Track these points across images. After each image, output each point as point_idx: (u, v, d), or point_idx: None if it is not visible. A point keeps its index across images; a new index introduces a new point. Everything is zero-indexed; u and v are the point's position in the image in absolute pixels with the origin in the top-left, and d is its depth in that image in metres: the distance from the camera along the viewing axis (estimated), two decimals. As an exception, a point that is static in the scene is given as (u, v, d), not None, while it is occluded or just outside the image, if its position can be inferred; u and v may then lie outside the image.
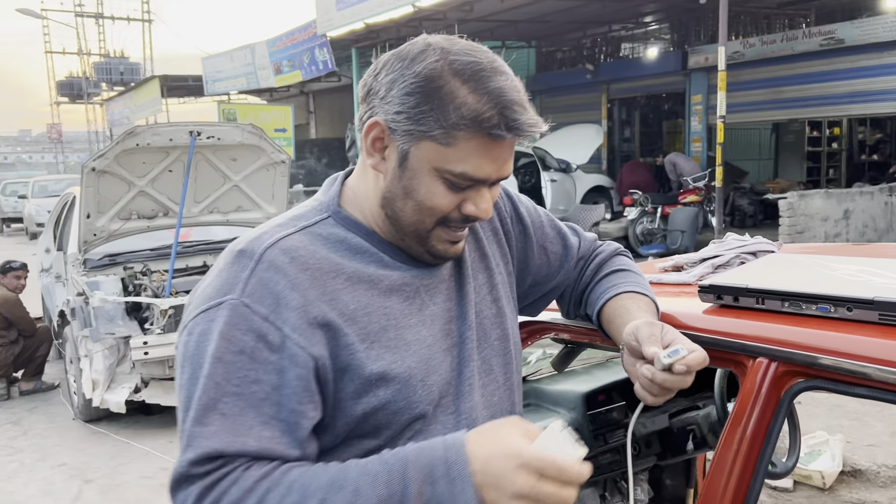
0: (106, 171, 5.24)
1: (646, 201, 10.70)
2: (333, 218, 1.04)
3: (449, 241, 1.02)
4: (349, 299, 0.97)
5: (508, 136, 0.94)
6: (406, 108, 0.94)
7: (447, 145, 0.94)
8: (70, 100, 37.82)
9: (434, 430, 1.01)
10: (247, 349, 0.90)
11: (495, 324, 1.13)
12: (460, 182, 0.97)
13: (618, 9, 12.79)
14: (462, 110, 0.92)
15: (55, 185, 19.19)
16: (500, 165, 0.98)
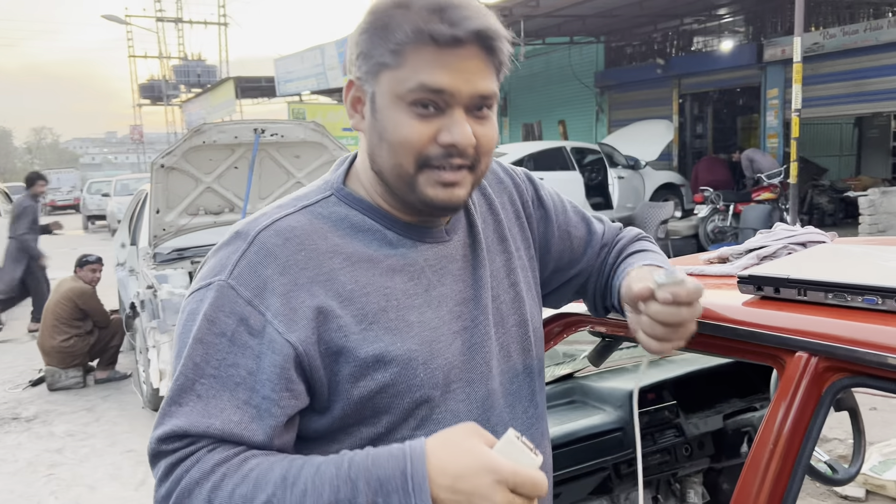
0: (174, 168, 5.41)
1: (717, 199, 10.38)
2: (336, 195, 1.01)
3: (440, 184, 0.94)
4: (346, 279, 0.94)
5: (451, 30, 0.89)
6: (361, 47, 0.94)
7: (400, 66, 0.91)
8: (151, 102, 39.33)
9: (443, 418, 0.98)
10: (227, 332, 0.89)
11: (513, 309, 1.09)
12: (423, 98, 0.90)
13: (689, 1, 12.46)
14: (404, 26, 0.90)
15: (136, 184, 19.96)
16: (467, 79, 0.91)
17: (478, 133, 0.94)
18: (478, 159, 0.96)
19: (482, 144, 0.95)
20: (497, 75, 0.96)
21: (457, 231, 1.06)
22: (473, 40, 0.91)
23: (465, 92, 0.91)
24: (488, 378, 1.03)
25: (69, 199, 33.52)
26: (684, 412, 2.23)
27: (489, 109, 0.96)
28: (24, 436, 4.95)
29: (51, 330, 5.81)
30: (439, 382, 0.97)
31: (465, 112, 0.93)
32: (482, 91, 0.93)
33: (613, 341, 1.60)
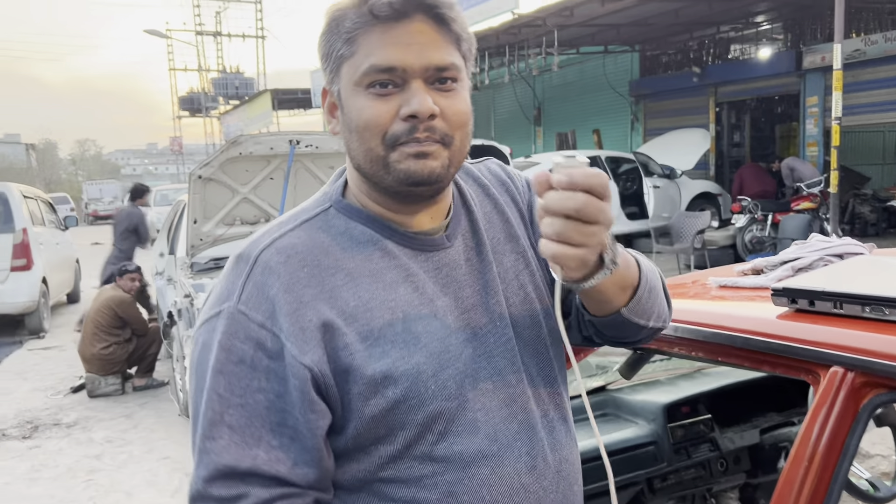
0: (211, 179, 5.49)
1: (755, 208, 10.21)
2: (335, 207, 1.00)
3: (411, 156, 0.91)
4: (349, 296, 0.93)
5: (387, 1, 0.88)
6: (322, 50, 0.95)
7: (353, 54, 0.91)
8: (190, 114, 40.07)
9: (462, 430, 0.95)
10: (246, 358, 0.89)
11: (524, 310, 1.05)
12: (377, 78, 0.90)
13: (726, 9, 12.31)
14: (350, 15, 0.91)
15: (175, 194, 20.29)
16: (419, 52, 0.90)
17: (442, 105, 0.91)
18: (448, 134, 0.93)
19: (449, 117, 0.92)
20: (457, 47, 0.94)
21: (457, 236, 1.03)
22: (417, 10, 0.90)
23: (418, 65, 0.90)
24: (505, 384, 1.00)
25: (110, 210, 34.23)
26: (719, 426, 2.19)
27: (455, 83, 0.93)
28: (64, 441, 5.05)
29: (91, 338, 5.92)
30: (452, 393, 0.95)
31: (424, 84, 0.91)
32: (437, 62, 0.91)
33: (645, 354, 1.58)
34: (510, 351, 1.01)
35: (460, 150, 0.95)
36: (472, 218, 1.06)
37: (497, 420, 0.98)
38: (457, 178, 1.07)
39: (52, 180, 50.93)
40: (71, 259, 10.82)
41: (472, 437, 0.95)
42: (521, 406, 1.00)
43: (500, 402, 0.99)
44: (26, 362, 7.42)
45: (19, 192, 9.02)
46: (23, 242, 8.46)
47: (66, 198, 31.95)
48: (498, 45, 13.66)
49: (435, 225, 1.01)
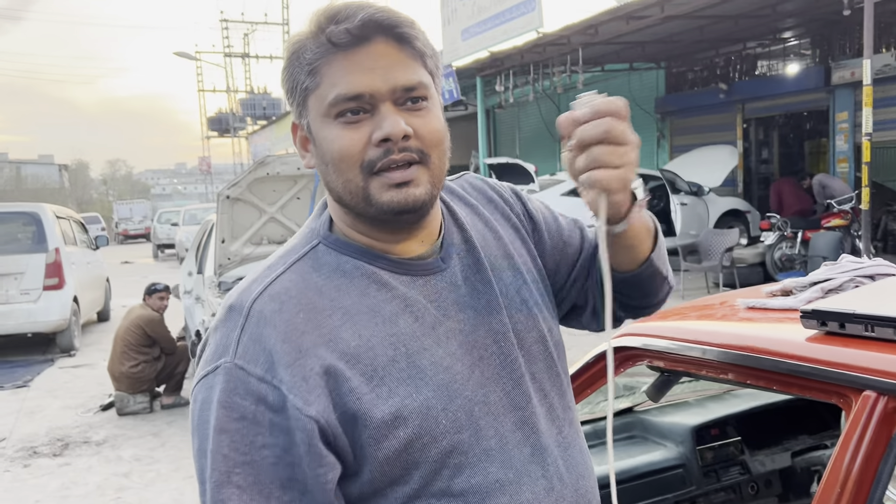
0: (239, 199, 5.57)
1: (785, 225, 10.08)
2: (324, 244, 0.97)
3: (392, 186, 0.90)
4: (349, 336, 0.90)
5: (341, 27, 0.88)
6: (287, 84, 0.94)
7: (318, 86, 0.90)
8: (218, 134, 40.70)
9: (478, 460, 0.93)
10: (248, 414, 0.86)
11: (529, 326, 1.02)
12: (344, 107, 0.89)
13: (752, 25, 12.24)
14: (309, 46, 0.90)
15: (203, 213, 20.55)
16: (384, 74, 0.89)
17: (415, 124, 0.90)
18: (425, 153, 0.91)
19: (424, 136, 0.91)
20: (423, 65, 0.93)
21: (452, 256, 1.01)
22: (376, 33, 0.89)
23: (385, 88, 0.89)
24: (515, 406, 0.97)
25: (140, 229, 34.82)
26: (750, 449, 2.15)
27: (425, 101, 0.92)
28: (93, 459, 5.10)
29: (120, 356, 6.00)
30: (464, 424, 0.92)
31: (394, 106, 0.90)
32: (403, 83, 0.90)
33: (672, 376, 1.56)
34: (517, 370, 0.99)
35: (439, 168, 0.94)
36: (467, 237, 1.04)
37: (511, 445, 0.96)
38: (443, 197, 1.05)
39: (83, 200, 51.93)
40: (101, 278, 10.99)
41: (488, 467, 0.93)
42: (533, 427, 0.98)
43: (513, 425, 0.97)
44: (57, 380, 7.53)
45: (52, 212, 9.20)
46: (55, 262, 8.61)
47: (98, 217, 32.52)
48: (522, 63, 13.71)
49: (427, 248, 0.99)
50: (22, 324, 8.48)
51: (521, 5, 12.25)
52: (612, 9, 11.16)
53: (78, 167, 63.62)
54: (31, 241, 8.84)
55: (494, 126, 20.36)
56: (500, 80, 14.32)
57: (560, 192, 11.46)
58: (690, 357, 1.35)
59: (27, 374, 7.83)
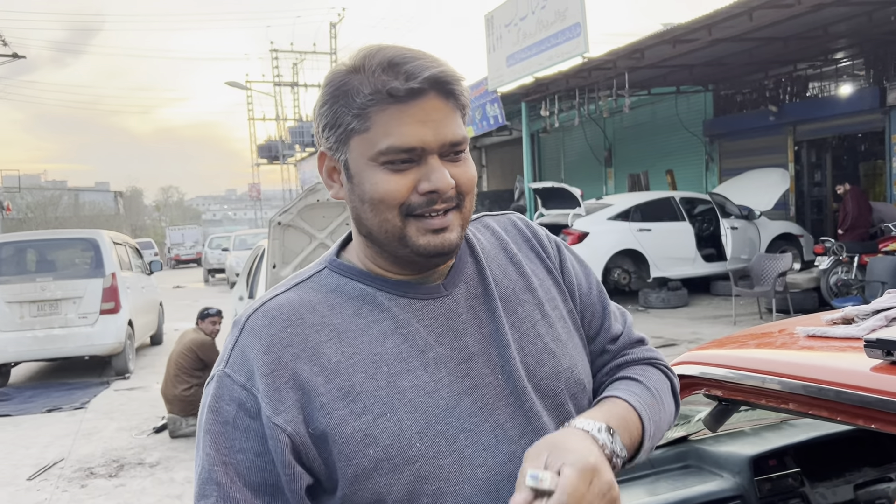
0: (290, 226, 5.67)
1: (840, 250, 9.82)
2: (329, 268, 1.01)
3: (430, 231, 0.93)
4: (332, 352, 0.93)
5: (406, 85, 0.89)
6: (326, 119, 0.95)
7: (367, 130, 0.92)
8: (268, 161, 41.49)
9: (461, 490, 0.91)
10: (230, 419, 0.92)
11: (542, 361, 1.00)
12: (396, 158, 0.91)
13: (803, 47, 12.06)
14: (363, 89, 0.91)
15: (253, 239, 20.96)
16: (435, 129, 0.91)
17: (455, 174, 0.94)
18: (461, 199, 0.95)
19: (462, 184, 0.95)
20: (462, 118, 0.96)
21: (458, 284, 1.01)
22: (431, 88, 0.91)
23: (436, 143, 0.92)
24: (508, 439, 0.94)
25: (192, 254, 35.64)
26: (810, 480, 2.09)
27: (463, 153, 0.96)
28: (147, 481, 5.20)
29: (173, 379, 6.12)
30: (443, 450, 0.91)
31: (441, 158, 0.93)
32: (451, 140, 0.93)
33: (731, 405, 1.54)
34: (516, 403, 0.97)
35: (469, 211, 0.98)
36: (480, 268, 1.04)
37: (500, 477, 0.93)
38: (469, 229, 1.08)
39: (137, 226, 53.36)
40: (155, 302, 11.26)
41: (472, 498, 0.91)
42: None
43: (506, 457, 0.94)
44: (113, 402, 7.71)
45: (109, 238, 9.49)
46: (112, 286, 8.86)
47: (151, 243, 33.41)
48: (567, 88, 13.73)
49: (431, 274, 1.00)
50: (80, 347, 8.72)
51: (565, 31, 12.30)
52: (658, 32, 11.13)
53: (132, 194, 65.48)
54: (89, 266, 9.12)
55: (539, 150, 20.37)
56: (545, 105, 14.35)
57: (607, 216, 11.39)
58: (750, 386, 1.33)
59: (84, 396, 8.04)
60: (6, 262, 8.98)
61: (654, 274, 11.36)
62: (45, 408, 7.57)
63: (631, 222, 11.34)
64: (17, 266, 9.11)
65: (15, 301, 8.59)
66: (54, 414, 7.34)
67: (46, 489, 5.12)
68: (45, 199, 44.11)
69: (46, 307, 8.68)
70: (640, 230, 11.31)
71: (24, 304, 8.62)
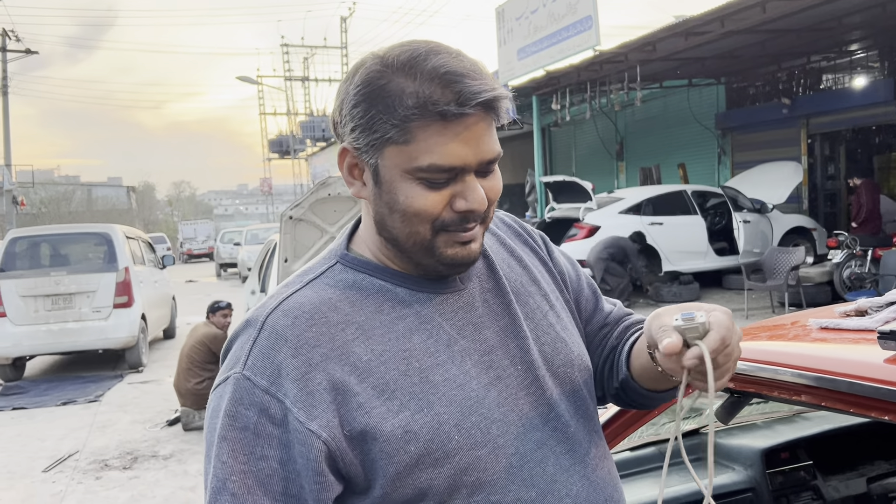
0: (301, 220, 5.68)
1: (854, 243, 9.76)
2: (341, 262, 0.99)
3: (458, 243, 0.93)
4: (362, 350, 0.91)
5: (460, 109, 0.86)
6: (358, 121, 0.90)
7: (407, 143, 0.88)
8: (279, 156, 41.60)
9: (497, 479, 0.92)
10: (250, 425, 0.87)
11: (557, 349, 1.03)
12: (435, 177, 0.89)
13: (817, 39, 11.96)
14: (406, 100, 0.86)
15: (265, 233, 21.04)
16: (476, 147, 0.89)
17: (486, 188, 0.93)
18: (488, 211, 0.96)
19: (490, 198, 0.95)
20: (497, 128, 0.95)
21: (472, 278, 1.02)
22: (480, 109, 0.89)
23: (475, 162, 0.90)
24: (534, 426, 0.97)
25: (204, 248, 35.80)
26: (822, 473, 2.09)
27: (494, 166, 0.95)
28: (161, 473, 5.25)
29: (186, 373, 6.16)
30: (479, 441, 0.92)
31: (477, 175, 0.92)
32: (490, 157, 0.92)
33: (743, 398, 1.53)
34: (537, 391, 0.99)
35: (490, 221, 0.99)
36: (489, 262, 1.06)
37: (532, 464, 0.95)
38: None
39: (150, 221, 53.69)
40: (168, 296, 11.33)
41: (508, 486, 0.93)
42: (552, 448, 0.98)
43: (534, 444, 0.96)
44: (126, 395, 7.77)
45: (122, 233, 9.54)
46: (125, 281, 8.92)
47: (164, 237, 33.62)
48: (579, 81, 13.68)
49: None
50: (93, 340, 8.80)
51: (577, 24, 12.25)
52: (670, 25, 11.06)
53: (145, 189, 65.83)
54: (103, 260, 9.18)
55: (550, 144, 20.32)
56: (556, 99, 14.31)
57: (618, 209, 11.35)
58: (762, 378, 1.33)
59: (98, 389, 8.11)
60: (21, 257, 9.05)
61: (665, 268, 11.32)
62: (60, 401, 7.64)
63: (642, 216, 11.30)
64: (32, 260, 9.18)
65: (29, 295, 8.67)
66: (69, 407, 7.42)
67: (62, 481, 5.17)
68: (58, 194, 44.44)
69: (60, 301, 8.75)
70: (652, 224, 11.27)
71: (38, 298, 8.70)
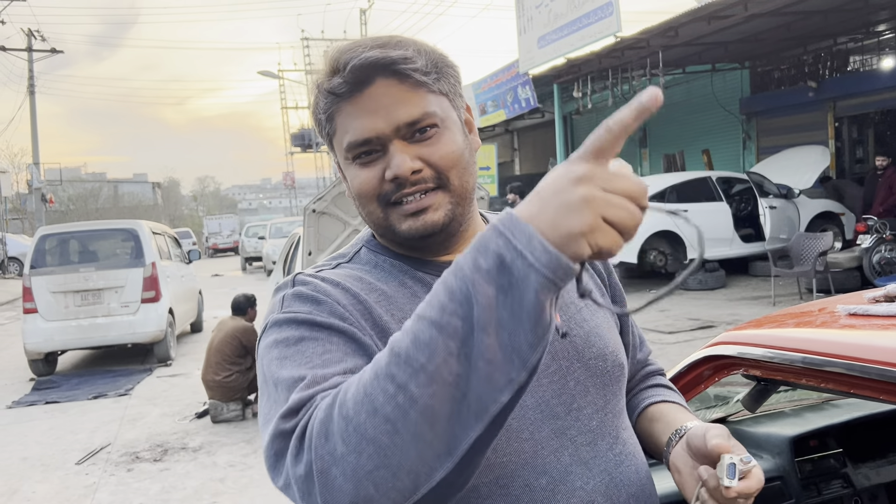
0: (324, 213, 5.72)
1: (883, 228, 9.60)
2: (366, 247, 1.05)
3: (409, 216, 0.95)
4: (382, 311, 0.93)
5: (341, 80, 0.91)
6: (316, 126, 1.00)
7: (335, 132, 0.96)
8: (301, 149, 41.75)
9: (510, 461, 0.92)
10: (304, 335, 0.86)
11: (589, 342, 1.02)
12: (358, 152, 0.94)
13: (843, 20, 11.75)
14: (318, 95, 0.96)
15: (289, 227, 21.16)
16: (386, 115, 0.91)
17: (424, 154, 0.93)
18: (442, 177, 0.94)
19: (436, 162, 0.93)
20: (428, 90, 0.93)
21: None
22: (374, 74, 0.91)
23: (389, 129, 0.92)
24: (553, 415, 0.96)
25: (229, 243, 36.12)
26: (852, 461, 2.07)
27: (435, 128, 0.93)
28: (191, 465, 5.32)
29: (215, 367, 6.23)
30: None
31: (403, 142, 0.93)
32: (405, 119, 0.92)
33: (770, 386, 1.52)
34: (562, 380, 0.98)
35: (461, 188, 0.96)
36: None
37: (546, 452, 0.94)
38: (489, 217, 1.10)
39: (175, 216, 54.26)
40: (194, 290, 11.45)
41: (518, 471, 0.92)
42: (571, 438, 0.96)
43: (551, 432, 0.95)
44: (156, 389, 7.89)
45: (149, 228, 9.67)
46: (152, 276, 9.04)
47: (189, 232, 33.93)
48: (600, 68, 13.57)
49: None
50: (122, 335, 8.93)
51: (597, 10, 12.14)
52: (692, 10, 10.92)
53: (170, 184, 66.53)
54: (130, 256, 9.31)
55: (572, 132, 20.20)
56: (577, 86, 14.21)
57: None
58: (789, 366, 1.31)
59: (128, 383, 8.23)
60: (50, 254, 9.21)
61: (690, 255, 11.23)
62: (91, 394, 7.77)
63: (667, 203, 11.22)
64: (61, 257, 9.33)
65: (60, 291, 8.81)
66: (100, 400, 7.54)
67: (95, 473, 5.27)
68: (85, 191, 45.06)
69: (90, 297, 8.89)
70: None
71: (68, 294, 8.84)
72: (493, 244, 0.68)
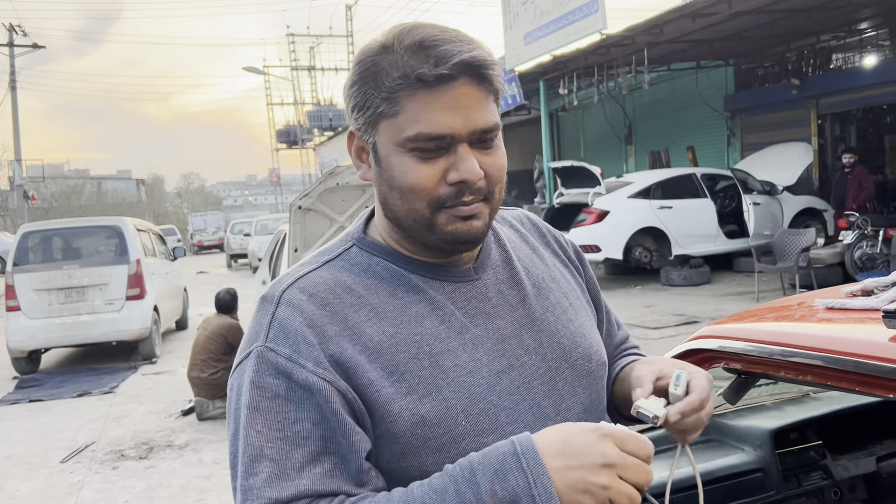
0: (311, 209, 5.71)
1: (865, 224, 9.71)
2: (357, 246, 1.01)
3: (459, 218, 0.93)
4: (373, 331, 0.92)
5: (436, 70, 0.87)
6: (355, 100, 0.93)
7: (396, 115, 0.90)
8: (287, 146, 41.65)
9: None
10: (280, 392, 0.88)
11: (575, 343, 1.04)
12: (424, 146, 0.90)
13: (826, 18, 11.85)
14: (392, 72, 0.89)
15: (274, 224, 21.07)
16: (465, 115, 0.89)
17: (485, 164, 0.92)
18: (490, 190, 0.94)
19: (491, 175, 0.94)
20: (495, 101, 0.94)
21: (486, 269, 1.03)
22: (463, 73, 0.89)
23: (465, 131, 0.90)
24: (545, 416, 0.97)
25: (214, 240, 35.91)
26: (832, 453, 2.10)
27: (494, 140, 0.94)
28: (176, 462, 5.30)
29: (201, 364, 6.21)
30: (486, 428, 0.92)
31: (470, 147, 0.91)
32: (482, 127, 0.91)
33: (750, 378, 1.54)
34: (551, 382, 1.00)
35: (498, 202, 0.98)
36: (507, 256, 1.07)
37: None
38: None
39: (160, 213, 53.90)
40: (179, 288, 11.39)
41: None
42: None
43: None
44: (141, 386, 7.84)
45: (133, 225, 9.60)
46: (137, 273, 8.98)
47: (174, 229, 33.73)
48: (586, 65, 13.61)
49: (462, 258, 1.01)
50: (107, 332, 8.87)
51: (583, 7, 12.17)
52: (677, 7, 10.98)
53: (154, 181, 66.02)
54: (114, 253, 9.24)
55: (558, 129, 20.25)
56: (563, 83, 14.24)
57: (627, 194, 11.32)
58: (769, 359, 1.34)
59: (113, 380, 8.18)
60: (33, 251, 9.12)
61: (675, 251, 11.30)
62: (76, 392, 7.72)
63: (652, 200, 11.27)
64: (44, 254, 9.25)
65: (43, 289, 8.74)
66: (84, 398, 7.50)
67: (79, 471, 5.24)
68: (68, 187, 44.63)
69: (73, 294, 8.83)
70: (662, 207, 11.24)
71: (51, 292, 8.77)
72: (514, 480, 0.80)
